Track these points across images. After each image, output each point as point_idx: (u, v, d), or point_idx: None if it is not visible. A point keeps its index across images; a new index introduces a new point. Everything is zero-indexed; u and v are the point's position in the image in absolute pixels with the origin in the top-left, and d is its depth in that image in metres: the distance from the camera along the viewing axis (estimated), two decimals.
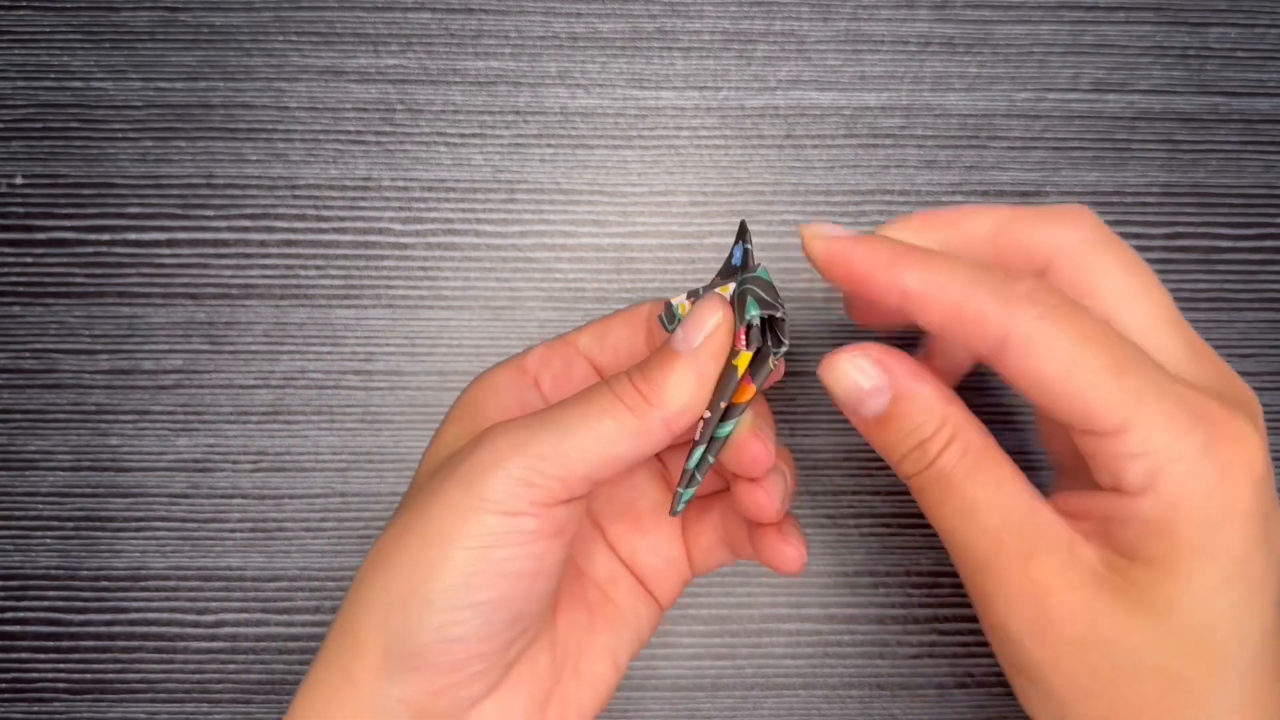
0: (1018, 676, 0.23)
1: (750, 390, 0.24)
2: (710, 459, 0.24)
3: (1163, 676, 0.21)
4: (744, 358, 0.23)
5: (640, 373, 0.23)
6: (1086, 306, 0.22)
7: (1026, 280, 0.21)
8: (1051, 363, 0.21)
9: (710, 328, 0.23)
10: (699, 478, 0.25)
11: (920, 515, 0.34)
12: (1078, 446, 0.22)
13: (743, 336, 0.23)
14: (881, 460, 0.34)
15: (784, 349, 0.24)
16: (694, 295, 0.26)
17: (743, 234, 0.25)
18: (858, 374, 0.23)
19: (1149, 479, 0.20)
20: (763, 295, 0.23)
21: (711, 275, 0.35)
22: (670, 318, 0.26)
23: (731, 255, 0.26)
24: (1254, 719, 0.21)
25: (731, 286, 0.25)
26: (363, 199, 0.34)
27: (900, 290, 0.22)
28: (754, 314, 0.23)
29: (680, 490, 0.25)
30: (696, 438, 0.24)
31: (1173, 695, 0.21)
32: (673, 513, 0.25)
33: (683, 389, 0.23)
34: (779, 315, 0.23)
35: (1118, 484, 0.21)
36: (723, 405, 0.24)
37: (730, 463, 0.25)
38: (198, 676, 0.34)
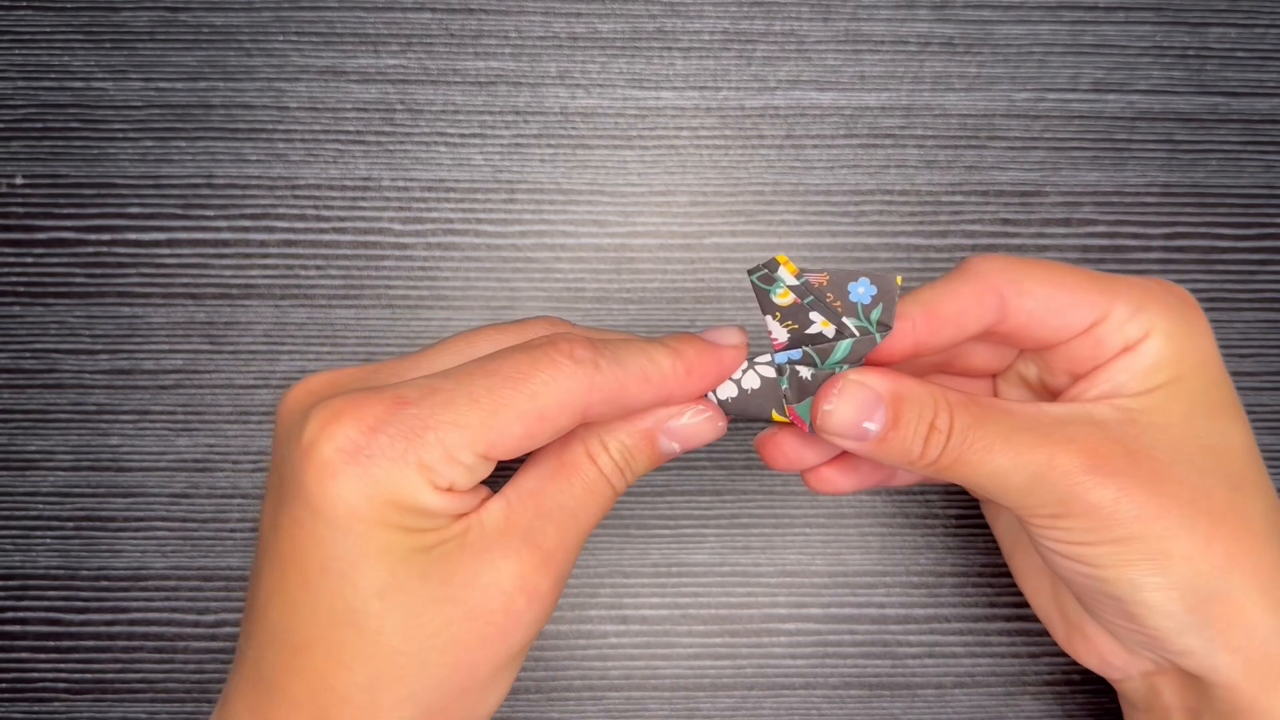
0: (1119, 560, 0.24)
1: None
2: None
3: (1221, 475, 0.25)
4: (779, 419, 0.26)
5: (624, 459, 0.25)
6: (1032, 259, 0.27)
7: (980, 257, 0.26)
8: (1043, 293, 0.25)
9: (694, 437, 0.25)
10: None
11: (921, 516, 0.34)
12: (1077, 354, 0.26)
13: (792, 419, 0.25)
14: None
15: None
16: (800, 297, 0.25)
17: (889, 292, 0.24)
18: (852, 401, 0.24)
19: (1146, 325, 0.25)
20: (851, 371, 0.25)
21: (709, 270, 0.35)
22: (766, 280, 0.25)
23: (856, 283, 0.25)
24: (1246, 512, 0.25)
25: (831, 329, 0.25)
26: (363, 199, 0.34)
27: (911, 328, 0.25)
28: (829, 367, 0.25)
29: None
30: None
31: (1235, 492, 0.24)
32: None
33: (648, 470, 0.26)
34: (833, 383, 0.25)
35: (1124, 345, 0.25)
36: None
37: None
38: (198, 676, 0.34)
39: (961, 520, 0.35)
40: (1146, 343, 0.25)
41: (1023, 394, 0.29)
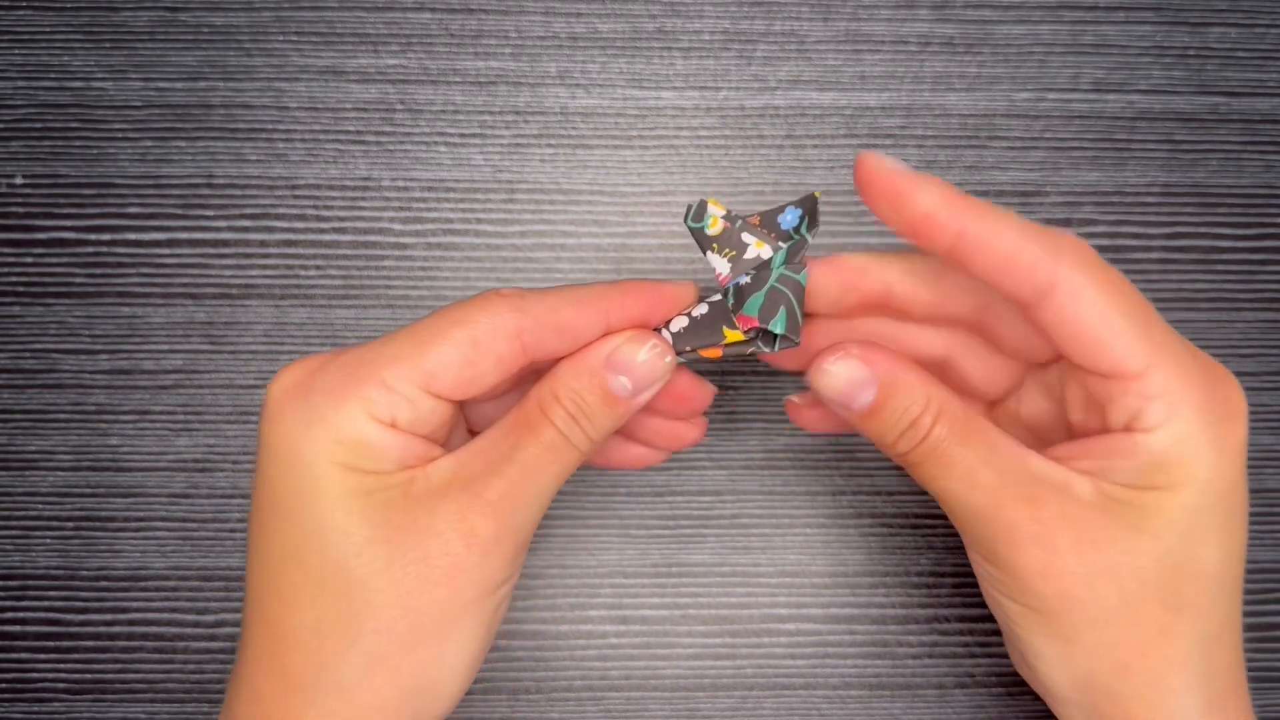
0: (1026, 623, 0.24)
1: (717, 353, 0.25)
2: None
3: (1163, 595, 0.23)
4: (732, 337, 0.25)
5: (576, 408, 0.24)
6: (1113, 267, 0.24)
7: (1068, 235, 0.23)
8: (1090, 311, 0.23)
9: (655, 388, 0.25)
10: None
11: (921, 516, 0.34)
12: (1092, 393, 0.24)
13: (744, 328, 0.24)
14: (881, 460, 0.34)
15: (769, 351, 0.25)
16: (730, 222, 0.26)
17: (811, 207, 0.25)
18: (846, 373, 0.24)
19: (1166, 416, 0.23)
20: (795, 314, 0.24)
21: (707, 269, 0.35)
22: (698, 216, 0.26)
23: (783, 214, 0.26)
24: (1231, 641, 0.25)
25: (767, 250, 0.25)
26: (363, 199, 0.34)
27: (957, 233, 0.23)
28: (776, 330, 0.24)
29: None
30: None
31: (1170, 614, 0.23)
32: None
33: (610, 426, 0.25)
34: (795, 342, 0.24)
35: (1135, 420, 0.23)
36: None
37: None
38: (197, 676, 0.34)
39: None
40: (1155, 438, 0.23)
41: (1046, 406, 0.28)
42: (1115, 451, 0.24)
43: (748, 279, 0.25)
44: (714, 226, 0.26)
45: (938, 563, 0.34)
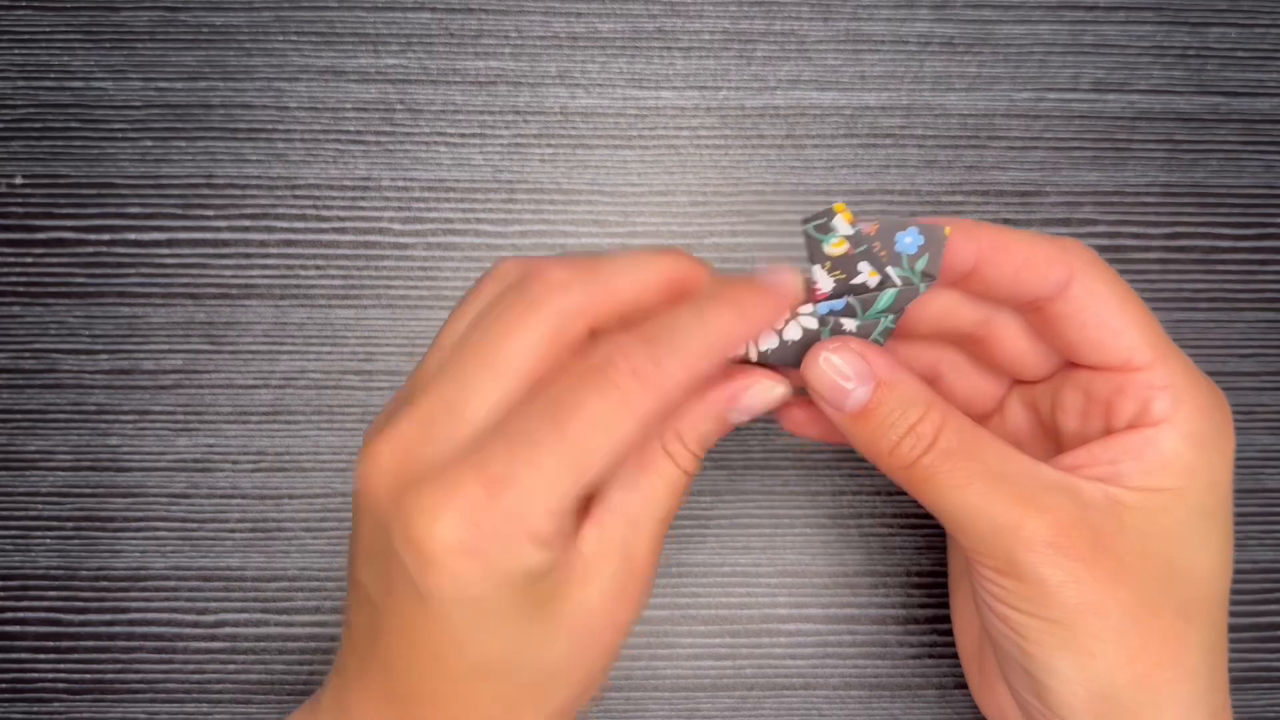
0: (1044, 639, 0.24)
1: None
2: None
3: (1176, 603, 0.23)
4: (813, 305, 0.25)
5: (699, 445, 0.24)
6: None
7: (1074, 240, 0.25)
8: (1105, 302, 0.24)
9: (760, 408, 0.25)
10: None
11: (921, 516, 0.34)
12: (1094, 395, 0.25)
13: (826, 300, 0.24)
14: None
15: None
16: (854, 246, 0.24)
17: (936, 246, 0.24)
18: (841, 366, 0.24)
19: (1172, 410, 0.24)
20: (890, 325, 0.25)
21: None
22: (822, 229, 0.24)
23: (905, 232, 0.24)
24: (1225, 653, 0.25)
25: (876, 279, 0.24)
26: (363, 199, 0.34)
27: (976, 248, 0.24)
28: (879, 328, 0.24)
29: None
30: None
31: (1183, 621, 0.23)
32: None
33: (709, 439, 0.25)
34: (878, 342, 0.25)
35: (1143, 413, 0.24)
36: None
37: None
38: (198, 676, 0.34)
39: None
40: (1162, 434, 0.24)
41: (1028, 423, 0.28)
42: (1122, 454, 0.24)
43: (844, 305, 0.24)
44: (837, 247, 0.24)
45: (938, 563, 0.34)
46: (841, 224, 0.24)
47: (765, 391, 0.25)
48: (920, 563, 0.34)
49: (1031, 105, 0.35)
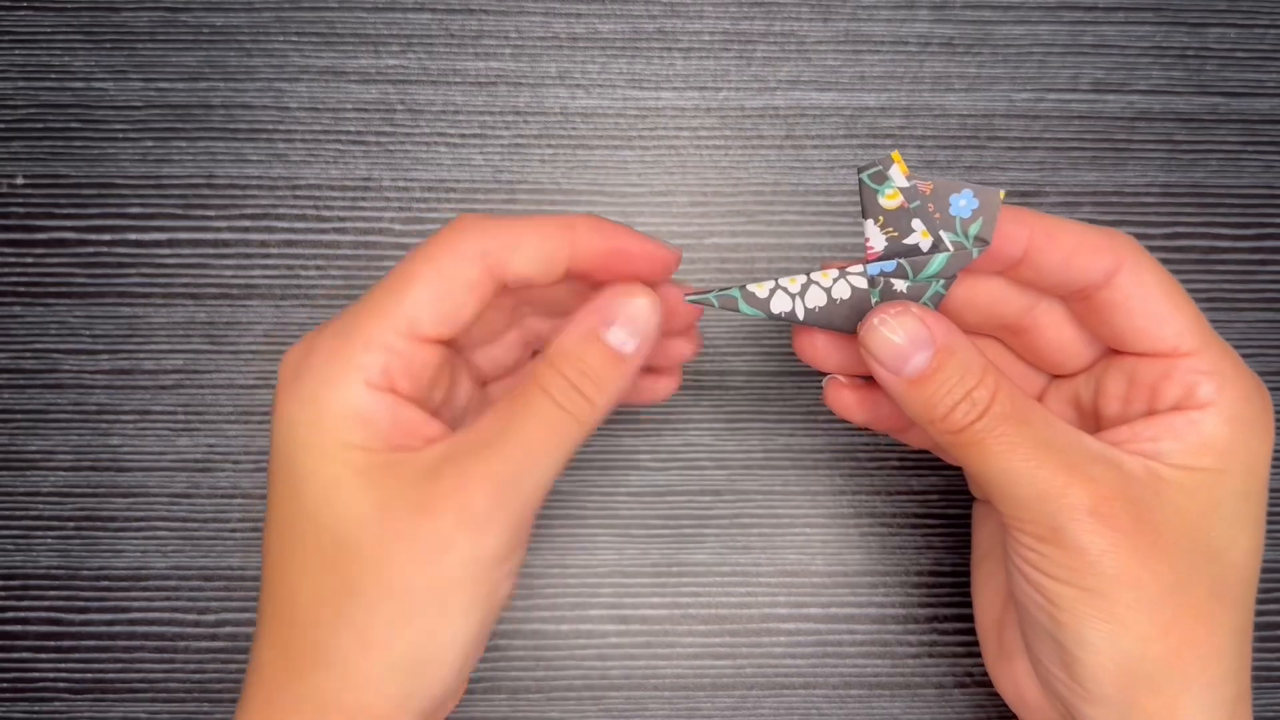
0: (1078, 608, 0.24)
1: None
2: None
3: (1209, 581, 0.24)
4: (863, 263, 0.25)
5: (577, 373, 0.24)
6: None
7: (1112, 228, 0.25)
8: (1154, 289, 0.24)
9: (653, 339, 0.25)
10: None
11: (921, 516, 0.34)
12: (1139, 379, 0.25)
13: (878, 261, 0.24)
14: (882, 460, 0.34)
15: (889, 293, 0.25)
16: (908, 200, 0.24)
17: (992, 210, 0.24)
18: (905, 330, 0.24)
19: (1216, 394, 0.24)
20: (941, 290, 0.25)
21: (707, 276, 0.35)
22: (878, 179, 0.24)
23: (960, 194, 0.24)
24: (1250, 638, 0.25)
25: (929, 241, 0.24)
26: (363, 199, 0.34)
27: (1029, 234, 0.25)
28: (929, 292, 0.24)
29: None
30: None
31: (1214, 600, 0.24)
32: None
33: (617, 389, 0.24)
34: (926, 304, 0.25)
35: (1187, 396, 0.24)
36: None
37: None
38: (198, 676, 0.34)
39: (961, 520, 0.35)
40: (1206, 416, 0.24)
41: (1067, 416, 0.28)
42: (1164, 433, 0.24)
43: (895, 266, 0.24)
44: (891, 199, 0.24)
45: (937, 562, 0.34)
46: (897, 174, 0.24)
47: (634, 301, 0.24)
48: (920, 562, 0.34)
49: (1031, 106, 0.35)
